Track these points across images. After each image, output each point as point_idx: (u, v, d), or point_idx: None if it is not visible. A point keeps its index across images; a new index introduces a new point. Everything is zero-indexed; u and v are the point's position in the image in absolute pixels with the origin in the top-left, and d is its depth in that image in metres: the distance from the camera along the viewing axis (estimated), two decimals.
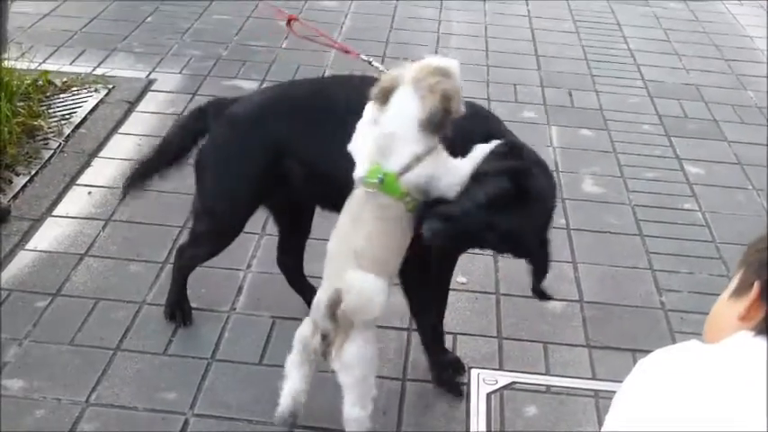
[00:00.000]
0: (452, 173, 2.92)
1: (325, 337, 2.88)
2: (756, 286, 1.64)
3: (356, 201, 2.94)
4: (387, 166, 2.89)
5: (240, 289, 3.90)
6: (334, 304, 2.80)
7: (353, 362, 2.88)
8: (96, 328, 3.61)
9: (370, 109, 2.99)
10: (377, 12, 7.37)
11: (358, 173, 2.95)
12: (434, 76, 2.90)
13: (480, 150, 2.97)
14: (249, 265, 4.06)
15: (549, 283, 4.07)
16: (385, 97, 2.92)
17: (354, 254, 2.86)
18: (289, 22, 3.98)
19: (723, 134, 5.76)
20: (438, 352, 3.44)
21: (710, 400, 1.51)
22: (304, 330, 2.97)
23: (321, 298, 2.88)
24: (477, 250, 4.18)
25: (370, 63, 3.60)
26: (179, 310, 3.67)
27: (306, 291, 3.70)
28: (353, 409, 2.97)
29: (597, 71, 6.59)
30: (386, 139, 2.90)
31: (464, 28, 7.25)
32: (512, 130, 3.26)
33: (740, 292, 1.68)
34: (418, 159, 2.89)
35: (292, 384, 3.03)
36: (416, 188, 2.91)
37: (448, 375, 3.46)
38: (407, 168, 2.89)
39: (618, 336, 3.81)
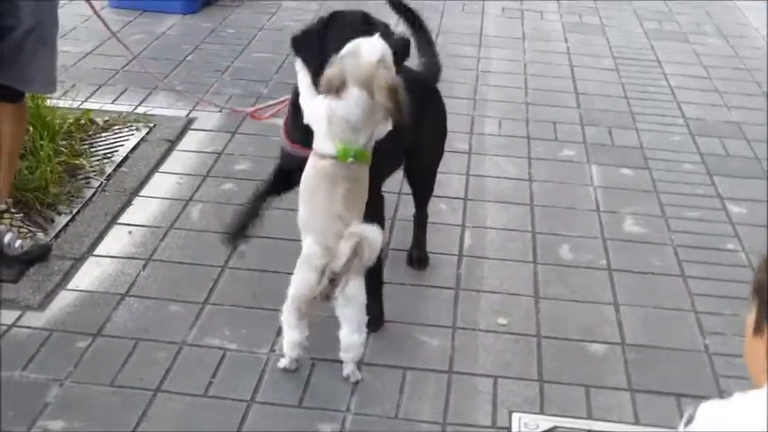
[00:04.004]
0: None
1: (332, 280, 3.32)
2: None
3: (326, 172, 3.47)
4: (354, 143, 3.46)
5: (280, 330, 3.88)
6: (356, 251, 3.33)
7: (356, 293, 3.43)
8: (137, 369, 3.62)
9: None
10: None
11: (324, 149, 3.48)
12: (377, 70, 3.37)
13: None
14: None
15: (589, 324, 4.06)
16: (337, 91, 3.40)
17: (339, 215, 3.42)
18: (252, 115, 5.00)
19: (766, 173, 5.70)
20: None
21: None
22: (303, 289, 3.44)
23: (315, 251, 3.41)
24: (517, 292, 4.21)
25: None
26: None
27: None
28: (353, 336, 3.50)
29: (637, 109, 6.55)
30: (347, 126, 3.43)
31: (504, 66, 7.24)
32: (552, 169, 3.33)
33: (759, 327, 1.62)
34: (373, 132, 3.55)
35: (299, 335, 3.57)
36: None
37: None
38: (369, 141, 3.52)
39: (661, 380, 3.76)
